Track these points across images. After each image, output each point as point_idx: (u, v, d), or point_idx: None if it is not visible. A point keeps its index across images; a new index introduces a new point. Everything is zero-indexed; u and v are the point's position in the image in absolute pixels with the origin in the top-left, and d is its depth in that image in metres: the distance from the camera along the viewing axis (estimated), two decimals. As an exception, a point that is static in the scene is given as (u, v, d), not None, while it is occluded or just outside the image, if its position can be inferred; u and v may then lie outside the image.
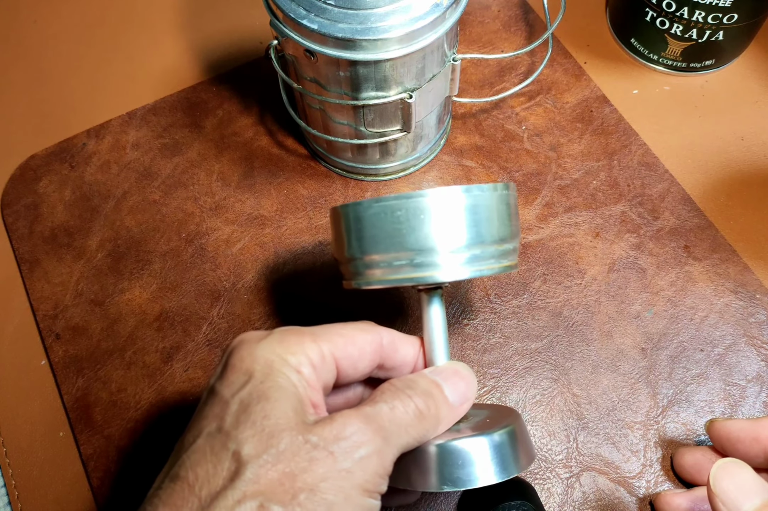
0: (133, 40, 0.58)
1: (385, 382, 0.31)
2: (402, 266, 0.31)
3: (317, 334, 0.30)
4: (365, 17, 0.37)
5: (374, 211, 0.31)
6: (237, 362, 0.29)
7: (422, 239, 0.30)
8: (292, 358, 0.29)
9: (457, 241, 0.31)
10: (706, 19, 0.47)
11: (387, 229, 0.31)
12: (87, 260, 0.49)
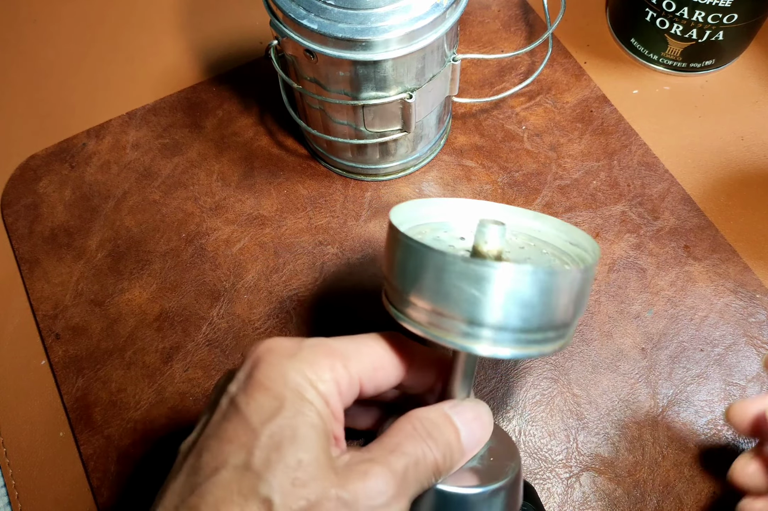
0: (133, 40, 0.58)
1: (406, 417, 0.30)
2: (450, 326, 0.28)
3: (348, 355, 0.29)
4: (365, 17, 0.37)
5: (447, 266, 0.27)
6: (266, 380, 0.27)
7: (482, 310, 0.27)
8: (322, 386, 0.27)
9: (516, 322, 0.27)
10: (706, 19, 0.47)
11: (453, 288, 0.27)
12: (87, 259, 0.49)
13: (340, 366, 0.28)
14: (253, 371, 0.28)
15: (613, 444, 0.42)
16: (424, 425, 0.29)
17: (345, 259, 0.48)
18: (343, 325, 0.46)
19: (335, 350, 0.29)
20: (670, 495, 0.41)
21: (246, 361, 0.29)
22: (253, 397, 0.27)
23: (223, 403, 0.28)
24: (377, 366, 0.29)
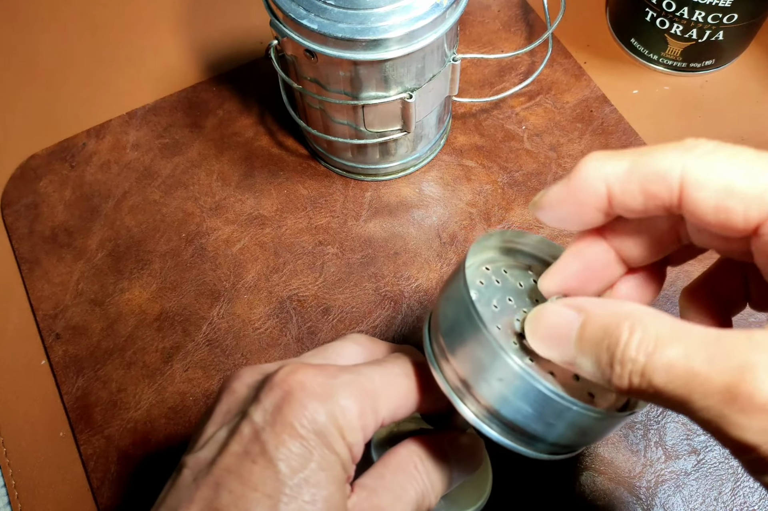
0: (133, 40, 0.58)
1: (408, 452, 0.29)
2: (473, 404, 0.27)
3: (379, 395, 0.27)
4: (365, 17, 0.37)
5: (521, 385, 0.25)
6: (297, 423, 0.25)
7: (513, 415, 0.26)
8: (350, 436, 0.26)
9: (536, 433, 0.26)
10: (706, 19, 0.47)
11: (502, 388, 0.25)
12: (87, 259, 0.49)
13: (370, 411, 0.27)
14: (283, 406, 0.26)
15: (613, 444, 0.42)
16: (425, 466, 0.29)
17: (345, 259, 0.48)
18: (344, 325, 0.46)
19: (367, 391, 0.27)
20: (671, 494, 0.41)
21: (272, 387, 0.26)
22: (282, 440, 0.25)
23: (246, 431, 0.26)
24: (402, 403, 0.28)
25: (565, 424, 0.25)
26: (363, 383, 0.27)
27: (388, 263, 0.47)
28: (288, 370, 0.27)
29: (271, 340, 0.46)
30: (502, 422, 0.26)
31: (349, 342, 0.31)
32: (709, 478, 0.41)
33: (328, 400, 0.26)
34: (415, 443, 0.30)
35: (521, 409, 0.25)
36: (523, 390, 0.24)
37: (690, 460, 0.41)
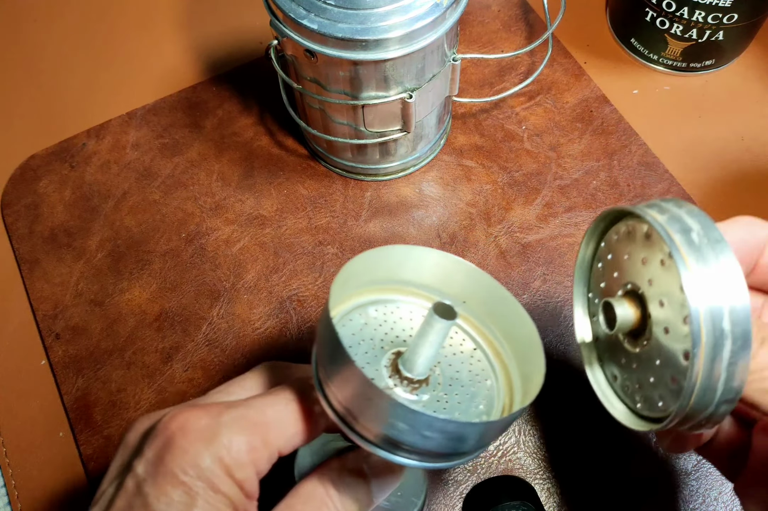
0: (133, 40, 0.58)
1: (320, 479, 0.28)
2: (378, 440, 0.26)
3: (269, 427, 0.27)
4: (365, 17, 0.37)
5: (379, 401, 0.25)
6: (178, 470, 0.25)
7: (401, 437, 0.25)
8: (239, 473, 0.26)
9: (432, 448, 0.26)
10: (706, 19, 0.47)
11: (378, 413, 0.25)
12: (87, 260, 0.49)
13: (261, 445, 0.26)
14: (164, 454, 0.25)
15: (615, 444, 0.42)
16: (338, 490, 0.28)
17: (345, 259, 0.48)
18: (343, 325, 0.46)
19: (256, 425, 0.26)
20: (669, 491, 0.41)
21: (156, 435, 0.26)
22: (163, 490, 0.25)
23: (130, 485, 0.26)
24: (297, 430, 0.28)
25: (440, 435, 0.25)
26: (251, 416, 0.27)
27: (388, 263, 0.47)
28: (170, 415, 0.26)
29: (271, 340, 0.46)
30: (388, 441, 0.26)
31: (253, 374, 0.30)
32: (709, 478, 0.41)
33: (212, 440, 0.25)
34: (328, 467, 0.29)
35: (396, 426, 0.25)
36: (390, 409, 0.24)
37: (690, 460, 0.41)
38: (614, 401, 0.29)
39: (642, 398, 0.27)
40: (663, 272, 0.25)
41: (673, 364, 0.25)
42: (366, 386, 0.24)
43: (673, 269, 0.24)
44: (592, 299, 0.30)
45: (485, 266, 0.47)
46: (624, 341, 0.28)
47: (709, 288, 0.23)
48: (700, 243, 0.23)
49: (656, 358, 0.26)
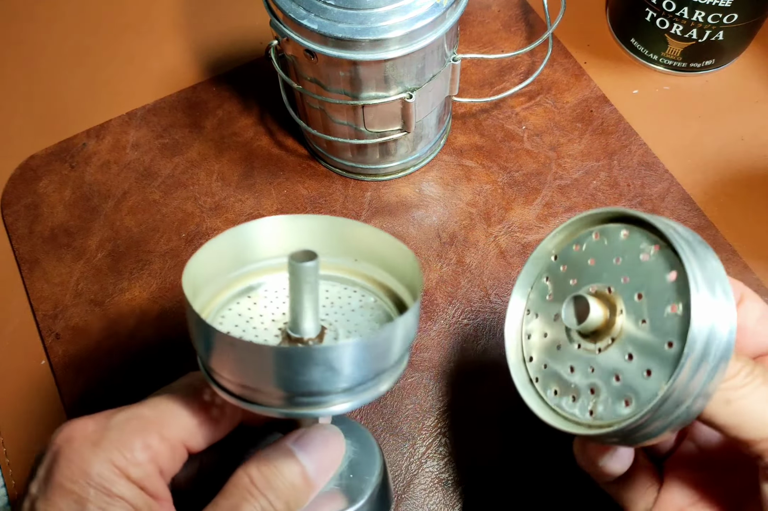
0: (133, 40, 0.58)
1: (244, 467, 0.27)
2: (273, 398, 0.26)
3: (166, 422, 0.26)
4: (365, 17, 0.37)
5: (245, 351, 0.25)
6: (66, 481, 0.24)
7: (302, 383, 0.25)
8: (135, 472, 0.25)
9: (340, 385, 0.25)
10: (706, 19, 0.47)
11: (255, 367, 0.25)
12: (87, 259, 0.49)
13: (157, 440, 0.25)
14: (52, 468, 0.25)
15: (613, 444, 0.42)
16: (263, 473, 0.27)
17: (345, 259, 0.48)
18: (343, 325, 0.46)
19: (148, 421, 0.26)
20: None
21: (45, 454, 0.26)
22: (52, 503, 0.24)
23: (25, 507, 0.25)
24: (200, 421, 0.27)
25: (327, 366, 0.24)
26: (143, 414, 0.26)
27: (388, 263, 0.47)
28: (57, 430, 0.26)
29: (271, 340, 0.46)
30: (294, 398, 0.25)
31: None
32: (709, 478, 0.41)
33: (99, 444, 0.25)
34: (256, 456, 0.28)
35: (286, 375, 0.24)
36: (268, 357, 0.24)
37: (690, 460, 0.41)
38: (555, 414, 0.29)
39: (596, 404, 0.26)
40: (643, 267, 0.26)
41: (651, 354, 0.25)
42: (233, 345, 0.24)
43: (659, 266, 0.26)
44: (536, 298, 0.30)
45: (485, 266, 0.47)
46: (580, 344, 0.28)
47: (711, 311, 0.24)
48: (706, 276, 0.25)
49: (626, 353, 0.26)
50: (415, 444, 0.42)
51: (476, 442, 0.42)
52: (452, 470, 0.41)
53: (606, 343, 0.27)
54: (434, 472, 0.41)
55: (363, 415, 0.43)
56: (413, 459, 0.42)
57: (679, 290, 0.25)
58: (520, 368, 0.30)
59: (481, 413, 0.43)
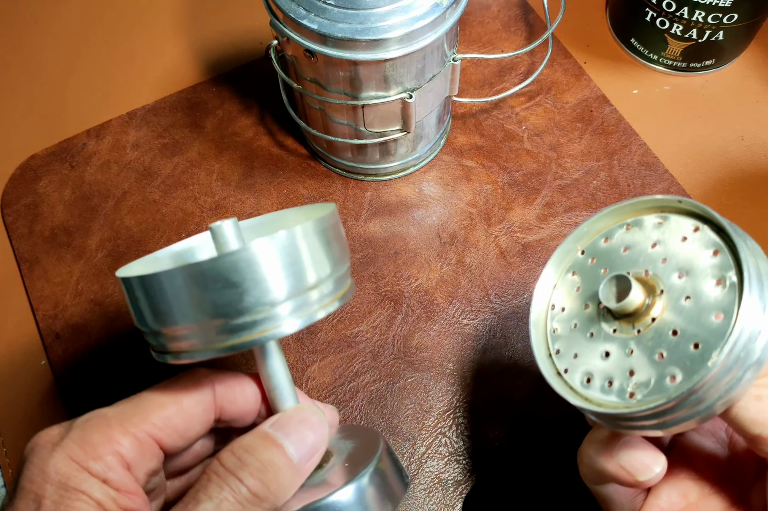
0: (133, 40, 0.58)
1: (214, 460, 0.26)
2: (215, 334, 0.26)
3: (128, 417, 0.26)
4: (365, 17, 0.37)
5: (162, 283, 0.25)
6: (27, 483, 0.24)
7: (230, 302, 0.25)
8: (95, 465, 0.24)
9: (270, 297, 0.25)
10: (706, 19, 0.47)
11: (182, 298, 0.25)
12: (87, 259, 0.49)
13: (120, 434, 0.25)
14: (18, 476, 0.25)
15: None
16: (235, 454, 0.26)
17: (345, 259, 0.48)
18: (344, 325, 0.46)
19: (110, 418, 0.26)
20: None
21: (19, 466, 0.26)
22: (14, 507, 0.24)
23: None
24: (170, 414, 0.26)
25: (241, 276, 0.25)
26: (105, 413, 0.26)
27: (388, 263, 0.47)
28: (29, 442, 0.26)
29: (271, 340, 0.46)
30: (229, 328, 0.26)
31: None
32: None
33: (60, 444, 0.25)
34: (232, 442, 0.27)
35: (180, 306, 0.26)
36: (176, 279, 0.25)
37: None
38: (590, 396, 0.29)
39: (638, 385, 0.27)
40: (684, 246, 0.28)
41: (699, 327, 0.26)
42: (144, 281, 0.26)
43: (701, 245, 0.27)
44: (562, 293, 0.31)
45: (485, 266, 0.47)
46: (617, 328, 0.28)
47: (756, 315, 0.25)
48: (763, 278, 0.26)
49: (671, 329, 0.26)
50: (415, 444, 0.42)
51: (476, 442, 0.42)
52: (452, 470, 0.41)
53: (645, 323, 0.27)
54: (434, 472, 0.41)
55: (363, 415, 0.43)
56: (413, 459, 0.42)
57: (722, 266, 0.26)
58: (547, 362, 0.30)
59: (482, 413, 0.43)
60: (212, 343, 0.26)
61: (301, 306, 0.26)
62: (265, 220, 0.35)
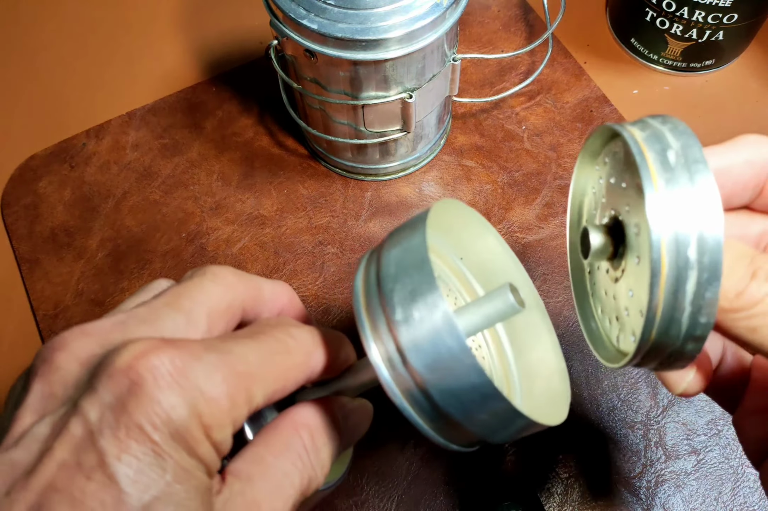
0: (133, 41, 0.58)
1: (292, 424, 0.24)
2: (413, 399, 0.24)
3: (255, 382, 0.22)
4: (365, 17, 0.37)
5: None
6: (147, 423, 0.19)
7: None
8: (218, 433, 0.21)
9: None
10: (706, 19, 0.47)
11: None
12: (87, 259, 0.49)
13: (244, 401, 0.21)
14: (128, 401, 0.19)
15: (613, 444, 0.42)
16: (315, 443, 0.24)
17: (345, 259, 0.48)
18: (344, 325, 0.46)
19: (240, 375, 0.21)
20: (671, 494, 0.41)
21: (114, 374, 0.20)
22: (127, 447, 0.19)
23: (77, 433, 0.19)
24: (282, 385, 0.23)
25: (492, 419, 0.22)
26: (234, 364, 0.21)
27: (388, 263, 0.47)
28: (137, 351, 0.20)
29: (271, 340, 0.46)
30: (429, 406, 0.23)
31: (209, 282, 0.24)
32: (709, 478, 0.41)
33: (190, 392, 0.20)
34: (302, 414, 0.24)
35: (459, 398, 0.22)
36: (475, 382, 0.21)
37: (690, 460, 0.41)
38: (599, 341, 0.27)
39: (620, 332, 0.25)
40: (639, 196, 0.23)
41: (643, 295, 0.22)
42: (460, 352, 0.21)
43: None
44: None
45: (485, 266, 0.47)
46: (606, 270, 0.26)
47: (676, 212, 0.20)
48: (676, 163, 0.21)
49: (629, 288, 0.24)
50: (415, 444, 0.42)
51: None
52: (452, 470, 0.41)
53: (620, 273, 0.24)
54: (434, 472, 0.41)
55: (363, 415, 0.43)
56: (413, 459, 0.42)
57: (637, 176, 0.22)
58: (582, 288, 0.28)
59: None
60: (406, 398, 0.24)
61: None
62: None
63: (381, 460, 0.42)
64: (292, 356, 0.23)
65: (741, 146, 0.24)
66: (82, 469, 0.19)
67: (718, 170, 0.24)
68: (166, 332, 0.22)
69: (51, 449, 0.19)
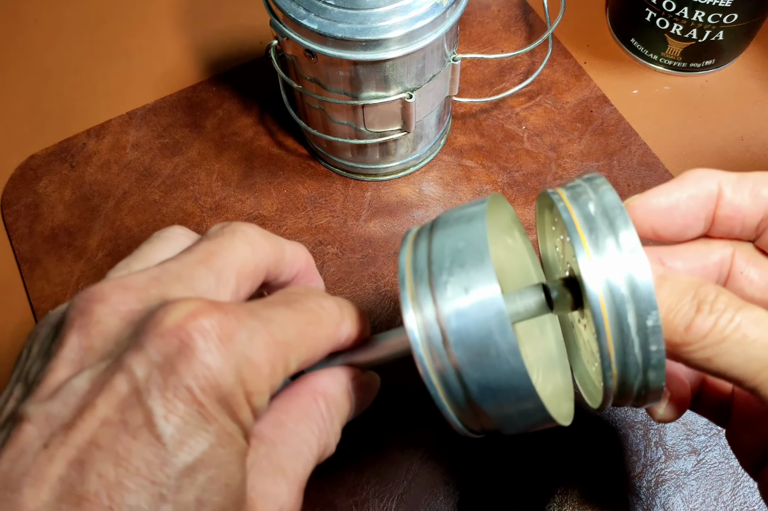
0: (133, 40, 0.58)
1: (310, 392, 0.24)
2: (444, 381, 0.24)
3: (291, 351, 0.22)
4: (365, 17, 0.37)
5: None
6: (195, 385, 0.19)
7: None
8: (258, 400, 0.21)
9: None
10: (706, 19, 0.47)
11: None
12: (87, 259, 0.49)
13: (282, 369, 0.21)
14: (177, 362, 0.19)
15: (613, 444, 0.42)
16: (331, 412, 0.24)
17: (345, 259, 0.48)
18: (343, 325, 0.46)
19: (279, 344, 0.21)
20: (671, 494, 0.41)
21: (162, 333, 0.20)
22: (174, 408, 0.19)
23: (122, 390, 0.19)
24: (314, 355, 0.23)
25: (519, 416, 0.23)
26: (275, 333, 0.21)
27: (388, 263, 0.47)
28: (186, 311, 0.20)
29: (271, 340, 0.46)
30: (464, 397, 0.23)
31: (239, 241, 0.24)
32: (709, 478, 0.41)
33: (236, 357, 0.20)
34: (320, 383, 0.24)
35: (495, 395, 0.23)
36: (512, 372, 0.22)
37: (690, 460, 0.41)
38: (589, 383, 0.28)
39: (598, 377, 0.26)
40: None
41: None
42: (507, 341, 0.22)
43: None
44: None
45: (485, 266, 0.47)
46: (578, 320, 0.27)
47: (603, 259, 0.22)
48: (596, 213, 0.23)
49: (592, 332, 0.25)
50: (415, 444, 0.42)
51: (477, 442, 0.42)
52: (452, 470, 0.41)
53: (585, 321, 0.26)
54: (434, 472, 0.41)
55: (363, 414, 0.43)
56: (413, 459, 0.42)
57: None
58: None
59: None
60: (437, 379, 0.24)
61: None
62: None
63: (381, 460, 0.42)
64: (324, 327, 0.24)
65: (685, 183, 0.26)
66: (128, 427, 0.19)
67: (667, 208, 0.26)
68: (199, 291, 0.22)
69: (92, 404, 0.19)
